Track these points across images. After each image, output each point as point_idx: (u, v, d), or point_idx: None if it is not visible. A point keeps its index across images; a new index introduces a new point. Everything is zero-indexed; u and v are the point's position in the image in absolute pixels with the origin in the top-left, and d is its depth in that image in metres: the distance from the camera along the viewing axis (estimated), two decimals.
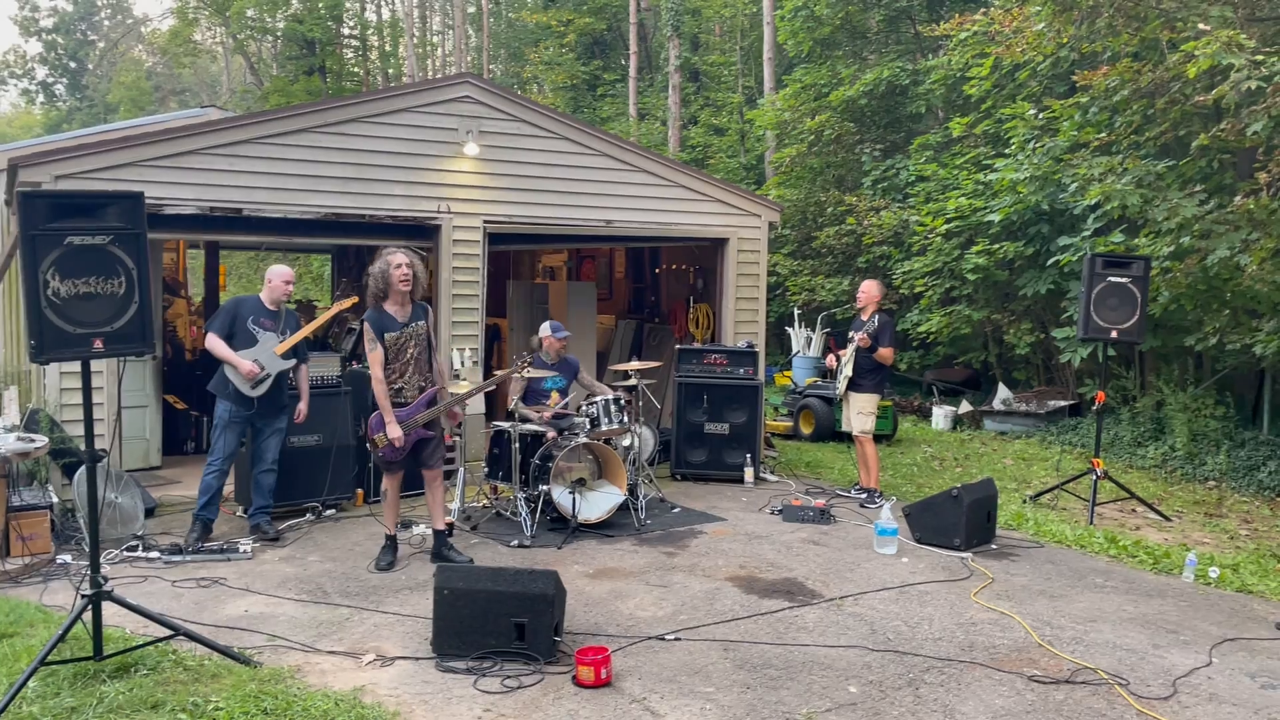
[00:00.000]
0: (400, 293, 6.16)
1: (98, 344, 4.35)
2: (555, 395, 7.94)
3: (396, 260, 6.14)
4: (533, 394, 7.96)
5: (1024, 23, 11.76)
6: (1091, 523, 7.91)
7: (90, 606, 4.44)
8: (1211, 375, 11.10)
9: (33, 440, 6.33)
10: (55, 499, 6.66)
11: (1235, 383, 11.31)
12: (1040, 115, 12.37)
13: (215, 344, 6.79)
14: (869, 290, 8.62)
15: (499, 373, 7.46)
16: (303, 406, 7.18)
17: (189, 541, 6.65)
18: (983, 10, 13.53)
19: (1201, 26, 8.83)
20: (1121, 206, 9.94)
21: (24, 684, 4.17)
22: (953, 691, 4.56)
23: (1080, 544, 7.29)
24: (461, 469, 7.88)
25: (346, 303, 7.98)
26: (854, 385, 8.46)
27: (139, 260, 4.43)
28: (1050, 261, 11.94)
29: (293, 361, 7.01)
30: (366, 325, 6.18)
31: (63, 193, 6.38)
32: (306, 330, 7.09)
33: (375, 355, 6.14)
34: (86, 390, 4.46)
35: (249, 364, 6.74)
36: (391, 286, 6.14)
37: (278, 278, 7.01)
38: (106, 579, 4.59)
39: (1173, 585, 6.39)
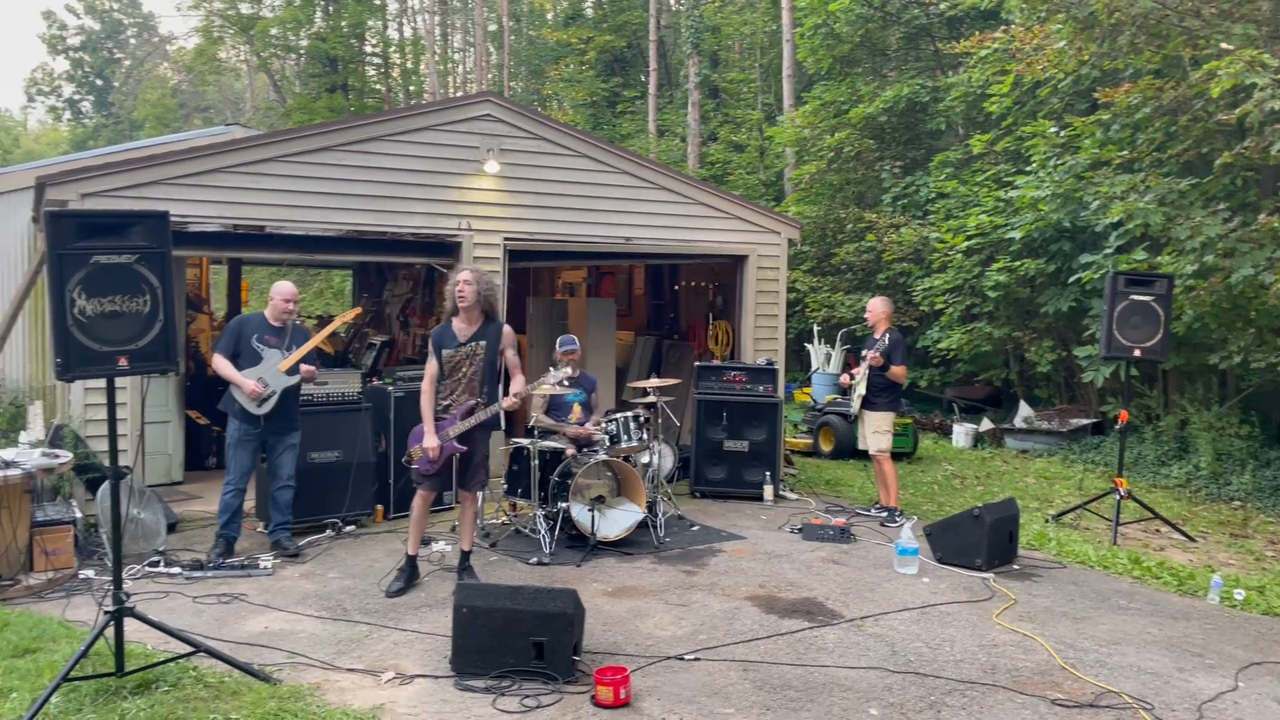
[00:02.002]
0: (462, 310, 6.17)
1: (123, 362, 4.39)
2: (577, 408, 7.95)
3: (455, 277, 6.18)
4: (555, 408, 7.98)
5: (1045, 40, 11.71)
6: (1115, 543, 7.84)
7: (112, 622, 4.47)
8: (1236, 394, 11.00)
9: (57, 456, 6.38)
10: (78, 514, 6.71)
11: (1260, 401, 11.19)
12: (1062, 133, 12.32)
13: (220, 364, 6.83)
14: (875, 308, 8.59)
15: (545, 382, 7.35)
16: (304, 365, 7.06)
17: (211, 558, 6.69)
18: (1003, 28, 13.48)
19: (1224, 46, 8.78)
20: (1144, 225, 9.89)
21: (47, 700, 4.20)
22: (975, 715, 4.52)
23: (1103, 565, 7.23)
24: None
25: (349, 315, 7.99)
26: (868, 404, 8.43)
27: (164, 279, 4.47)
28: (1072, 279, 11.89)
29: (297, 378, 6.98)
30: (430, 338, 6.33)
31: (89, 212, 6.47)
32: (309, 345, 7.04)
33: (428, 368, 6.25)
34: (111, 407, 4.50)
35: (252, 383, 6.76)
36: (456, 304, 6.16)
37: (279, 295, 7.04)
38: (128, 595, 4.62)
39: (1198, 607, 6.32)
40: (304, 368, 7.00)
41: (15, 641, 5.07)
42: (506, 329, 6.37)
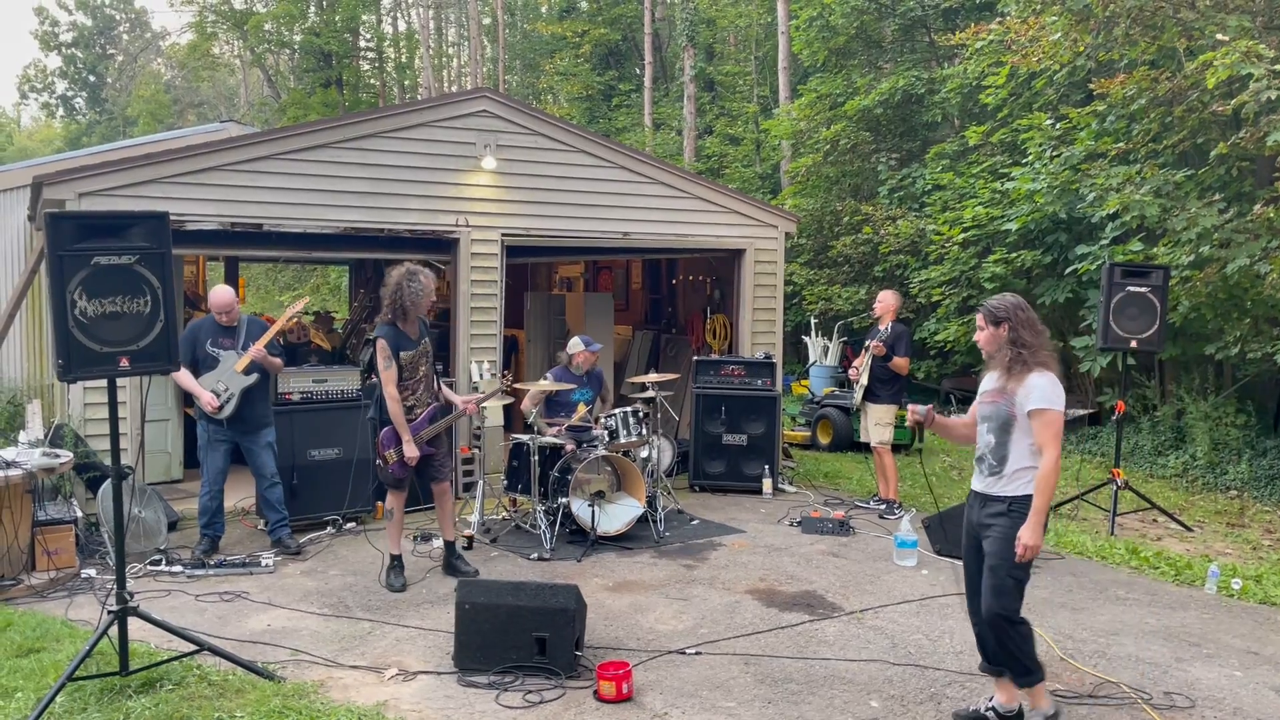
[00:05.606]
0: (421, 317, 6.24)
1: (124, 362, 4.40)
2: (581, 408, 7.96)
3: (430, 287, 6.12)
4: (559, 406, 7.99)
5: (1040, 32, 11.71)
6: (1112, 533, 7.87)
7: (116, 622, 4.48)
8: (1232, 384, 11.03)
9: (58, 455, 6.39)
10: (80, 513, 6.73)
11: (1257, 391, 11.22)
12: (1057, 125, 12.33)
13: (181, 376, 6.70)
14: (885, 300, 8.62)
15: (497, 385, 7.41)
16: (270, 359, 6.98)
17: (195, 552, 6.78)
18: (999, 19, 13.47)
19: (1219, 37, 8.79)
20: (1140, 216, 9.90)
21: (52, 699, 4.22)
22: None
23: (1101, 555, 7.26)
24: (481, 481, 7.92)
25: (298, 304, 7.96)
26: (871, 395, 8.46)
27: (164, 279, 4.48)
28: (1068, 270, 11.90)
29: (255, 377, 6.92)
30: (382, 343, 6.03)
31: (89, 213, 6.46)
32: (261, 342, 6.93)
33: (390, 374, 6.05)
34: (113, 407, 4.51)
35: (208, 395, 6.74)
36: (418, 309, 6.14)
37: (210, 305, 6.99)
38: (131, 594, 4.63)
39: (1195, 597, 6.35)
40: (270, 361, 6.95)
41: (19, 641, 5.10)
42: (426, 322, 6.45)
